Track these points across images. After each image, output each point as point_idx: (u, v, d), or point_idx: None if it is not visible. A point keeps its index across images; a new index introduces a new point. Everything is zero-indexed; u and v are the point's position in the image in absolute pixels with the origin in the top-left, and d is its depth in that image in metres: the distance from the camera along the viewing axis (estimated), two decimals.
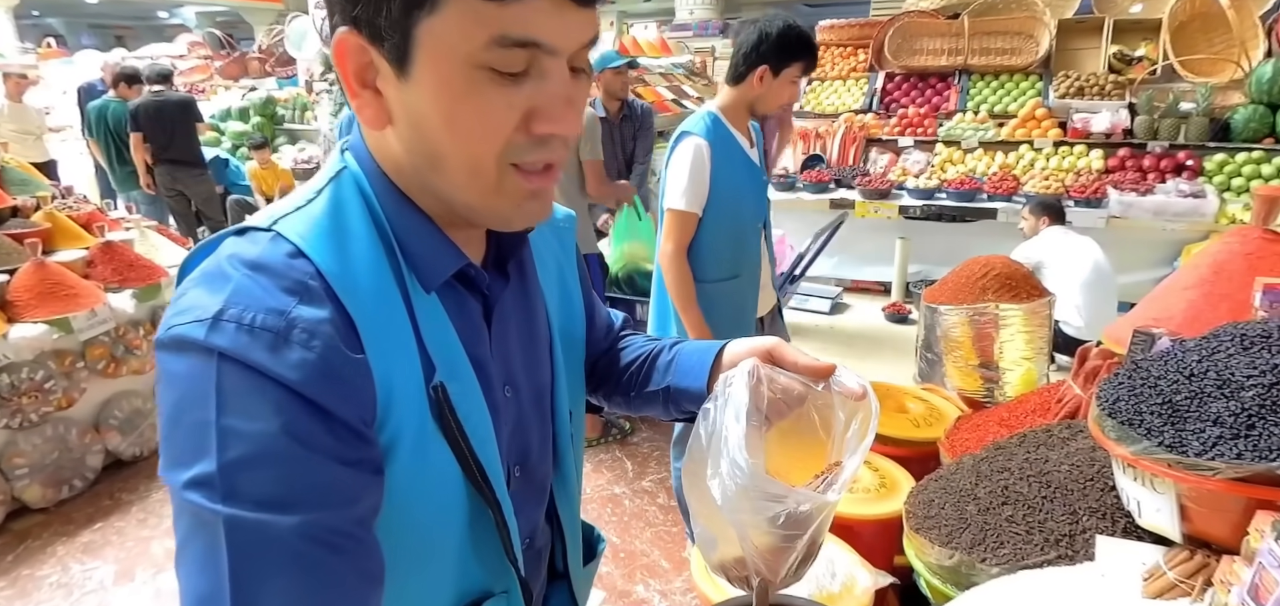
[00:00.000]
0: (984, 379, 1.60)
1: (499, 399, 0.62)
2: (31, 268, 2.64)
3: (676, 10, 16.59)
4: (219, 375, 0.45)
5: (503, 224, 0.57)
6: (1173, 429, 0.72)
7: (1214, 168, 4.11)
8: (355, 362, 0.49)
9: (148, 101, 4.94)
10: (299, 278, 0.49)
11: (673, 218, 1.83)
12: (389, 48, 0.49)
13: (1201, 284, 1.05)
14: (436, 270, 0.57)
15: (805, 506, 0.60)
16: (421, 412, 0.54)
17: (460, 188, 0.53)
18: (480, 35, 0.47)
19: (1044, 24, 4.79)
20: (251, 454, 0.44)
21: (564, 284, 0.76)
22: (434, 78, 0.49)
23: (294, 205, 0.55)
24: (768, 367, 0.66)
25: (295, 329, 0.47)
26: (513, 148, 0.51)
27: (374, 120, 0.53)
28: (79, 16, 19.20)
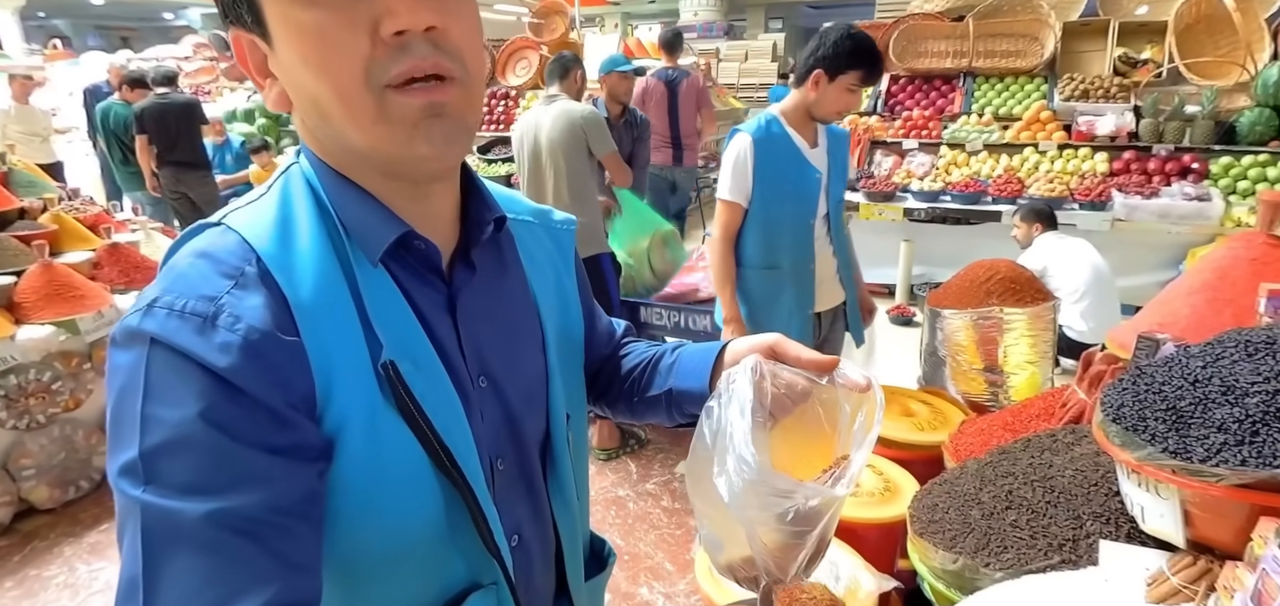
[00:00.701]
0: (988, 383, 1.60)
1: (470, 388, 0.62)
2: (39, 269, 2.66)
3: (681, 12, 16.62)
4: (149, 360, 0.47)
5: (410, 155, 0.54)
6: (1177, 435, 0.72)
7: (1220, 170, 4.10)
8: (286, 345, 0.50)
9: (152, 104, 4.97)
10: (237, 263, 0.52)
11: (720, 206, 2.05)
12: (253, 26, 0.52)
13: (1206, 289, 1.05)
14: (376, 239, 0.56)
15: (814, 501, 0.59)
16: (370, 393, 0.54)
17: (349, 128, 0.53)
18: None
19: (1049, 26, 4.79)
20: (170, 440, 0.46)
21: (561, 287, 0.75)
22: (284, 30, 0.51)
23: (247, 201, 0.58)
24: (770, 363, 0.66)
25: (223, 313, 0.49)
26: (376, 66, 0.50)
27: (277, 102, 0.55)
28: (85, 18, 19.30)
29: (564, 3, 6.93)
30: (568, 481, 0.73)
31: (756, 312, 2.14)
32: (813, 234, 2.03)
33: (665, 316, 3.04)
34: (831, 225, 2.08)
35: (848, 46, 1.82)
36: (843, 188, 2.13)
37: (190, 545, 0.45)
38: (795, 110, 1.97)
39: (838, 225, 2.10)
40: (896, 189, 4.58)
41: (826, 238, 2.08)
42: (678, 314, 3.01)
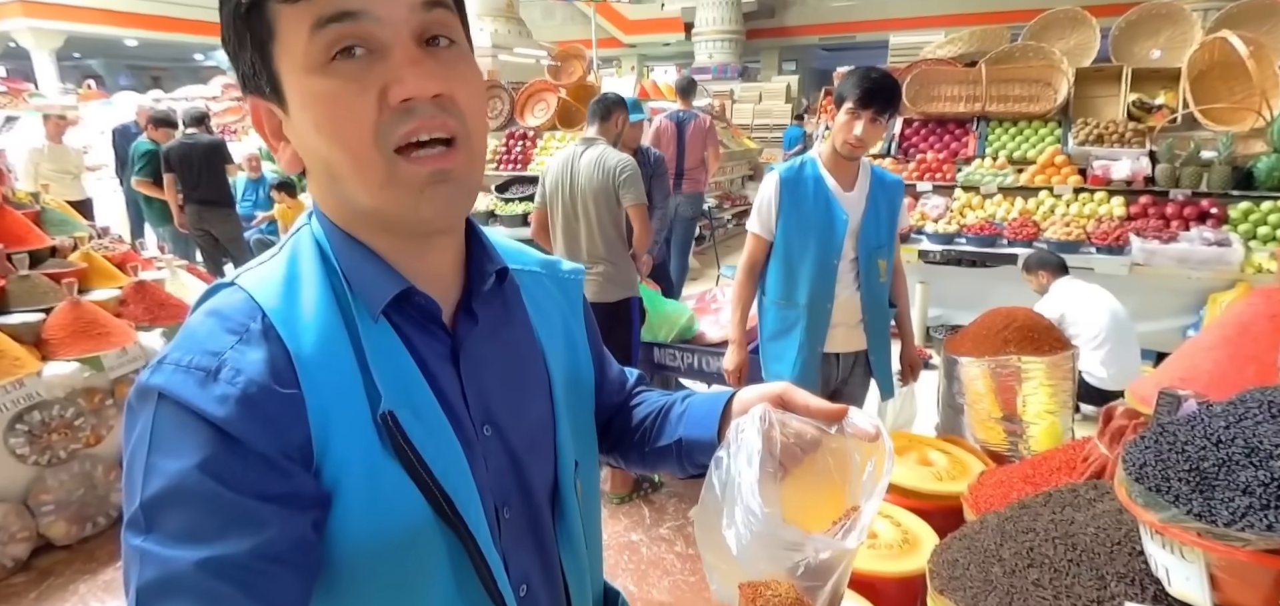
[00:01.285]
0: (1007, 432, 1.58)
1: (473, 435, 0.63)
2: (67, 306, 2.72)
3: (696, 54, 16.94)
4: (155, 414, 0.51)
5: (415, 218, 0.57)
6: (1201, 496, 0.71)
7: (1239, 215, 4.07)
8: (284, 397, 0.53)
9: (178, 144, 5.14)
10: (243, 320, 0.55)
11: (748, 237, 2.19)
12: (270, 92, 0.55)
13: (1227, 343, 1.04)
14: (378, 293, 0.59)
15: (825, 554, 0.58)
16: (370, 443, 0.55)
17: (359, 190, 0.56)
18: (303, 34, 0.52)
19: (1062, 72, 4.82)
20: (168, 490, 0.49)
21: (569, 335, 0.76)
22: (298, 97, 0.54)
23: (260, 261, 0.61)
24: (779, 412, 0.65)
25: (224, 367, 0.52)
26: (383, 129, 0.53)
27: (290, 163, 0.58)
28: (118, 58, 20.00)
29: (582, 46, 7.10)
30: (576, 529, 0.72)
31: (766, 344, 2.21)
32: (835, 274, 2.05)
33: (680, 358, 3.05)
34: (861, 270, 2.07)
35: (849, 79, 1.91)
36: (885, 236, 2.09)
37: (181, 592, 0.47)
38: (829, 151, 2.03)
39: (870, 272, 2.08)
40: (911, 231, 4.58)
41: (853, 281, 2.08)
42: (692, 355, 3.02)
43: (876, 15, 17.16)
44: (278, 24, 0.53)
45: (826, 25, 18.42)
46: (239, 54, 0.56)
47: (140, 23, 15.96)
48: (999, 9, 14.60)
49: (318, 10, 0.51)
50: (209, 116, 5.69)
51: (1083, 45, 5.08)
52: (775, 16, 18.85)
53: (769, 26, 18.84)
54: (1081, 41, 5.10)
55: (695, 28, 17.19)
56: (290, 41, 0.53)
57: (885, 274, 2.11)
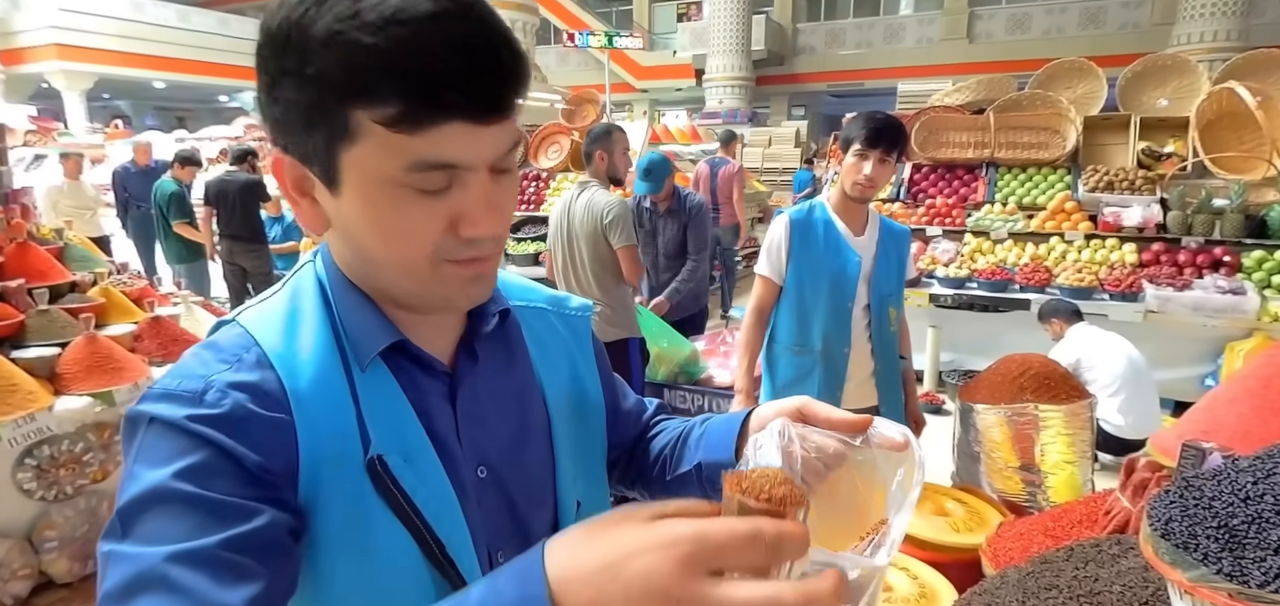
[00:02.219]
0: (1025, 481, 1.55)
1: (470, 478, 0.62)
2: (83, 341, 2.74)
3: (707, 99, 17.23)
4: (143, 436, 0.51)
5: (446, 307, 0.61)
6: (1231, 555, 0.69)
7: (1253, 264, 4.04)
8: (270, 420, 0.53)
9: (217, 180, 5.36)
10: (237, 351, 0.56)
11: (756, 280, 2.15)
12: (319, 170, 0.54)
13: (1251, 396, 1.03)
14: (367, 346, 0.59)
15: (854, 574, 0.53)
16: (360, 486, 0.55)
17: (397, 283, 0.58)
18: (397, 162, 0.50)
19: (1070, 120, 4.85)
20: (144, 495, 0.49)
21: (575, 372, 0.75)
22: (360, 196, 0.53)
23: (261, 299, 0.61)
24: (799, 426, 0.61)
25: (211, 389, 0.52)
26: (443, 248, 0.54)
27: (312, 224, 0.58)
28: (145, 99, 20.58)
29: (595, 91, 7.24)
30: None
31: (782, 392, 2.14)
32: (850, 320, 2.03)
33: (689, 400, 3.02)
34: (873, 319, 2.05)
35: (854, 122, 1.93)
36: (895, 284, 2.09)
37: (149, 586, 0.46)
38: (839, 195, 2.03)
39: (881, 322, 2.06)
40: (921, 275, 4.57)
41: (866, 330, 2.05)
42: (702, 398, 3.00)
43: (884, 64, 17.46)
44: (360, 134, 0.50)
45: (835, 73, 18.73)
46: (293, 128, 0.52)
47: (168, 66, 16.48)
48: (1004, 58, 14.83)
49: (419, 153, 0.50)
50: (255, 155, 5.82)
51: (1090, 94, 5.13)
52: (785, 64, 19.20)
53: (778, 73, 19.18)
54: (1088, 91, 5.15)
55: (706, 74, 17.52)
56: (371, 155, 0.50)
57: (895, 323, 2.09)
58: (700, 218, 3.47)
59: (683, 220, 3.48)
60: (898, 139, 1.87)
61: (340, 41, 0.47)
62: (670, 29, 20.08)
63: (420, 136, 0.49)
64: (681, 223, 3.48)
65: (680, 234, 3.50)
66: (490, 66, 0.50)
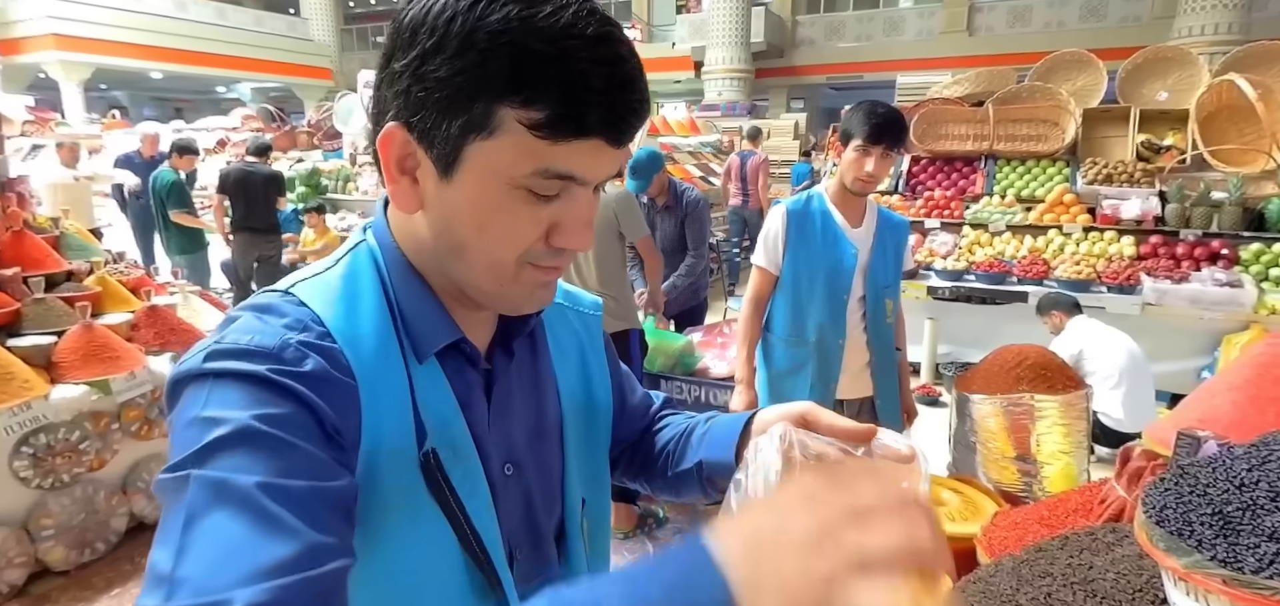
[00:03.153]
0: (1021, 472, 1.55)
1: (498, 475, 0.63)
2: (79, 330, 2.74)
3: (706, 92, 17.17)
4: (212, 386, 0.49)
5: (512, 308, 0.61)
6: (1226, 542, 0.69)
7: (1250, 257, 4.04)
8: (344, 384, 0.52)
9: (238, 170, 5.40)
10: (302, 319, 0.54)
11: (753, 271, 2.14)
12: (437, 155, 0.53)
13: (1247, 385, 1.02)
14: (429, 340, 0.59)
15: None
16: (412, 477, 0.55)
17: (477, 278, 0.57)
18: (527, 165, 0.51)
19: (1069, 113, 4.84)
20: (226, 435, 0.46)
21: (586, 369, 0.76)
22: (474, 188, 0.53)
23: (312, 273, 0.59)
24: (800, 432, 0.62)
25: (289, 348, 0.51)
26: (531, 252, 0.56)
27: (406, 204, 0.57)
28: (143, 90, 20.50)
29: None
30: (580, 570, 0.72)
31: (777, 382, 2.15)
32: (845, 311, 2.02)
33: (686, 391, 3.02)
34: (869, 311, 2.04)
35: (855, 115, 1.90)
36: (892, 276, 2.08)
37: (234, 505, 0.44)
38: (837, 187, 2.02)
39: (877, 313, 2.05)
40: (919, 267, 4.57)
41: (861, 321, 2.05)
42: (699, 388, 2.99)
43: (883, 57, 17.39)
44: (499, 130, 0.50)
45: (834, 65, 18.67)
46: (428, 107, 0.51)
47: (166, 56, 16.41)
48: (1003, 51, 14.78)
49: (551, 161, 0.51)
50: (271, 150, 5.91)
51: (1089, 86, 5.11)
52: (784, 57, 19.13)
53: (778, 66, 19.11)
54: (1088, 83, 5.13)
55: (705, 66, 17.45)
56: (502, 152, 0.51)
57: (891, 316, 2.08)
58: (698, 213, 3.44)
59: (680, 215, 3.44)
60: (900, 134, 1.86)
61: (511, 40, 0.49)
62: (669, 21, 20.00)
63: (558, 146, 0.51)
64: (679, 218, 3.44)
65: (678, 229, 3.46)
66: (633, 97, 0.53)
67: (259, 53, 18.28)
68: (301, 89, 19.71)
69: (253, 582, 0.40)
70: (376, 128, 0.55)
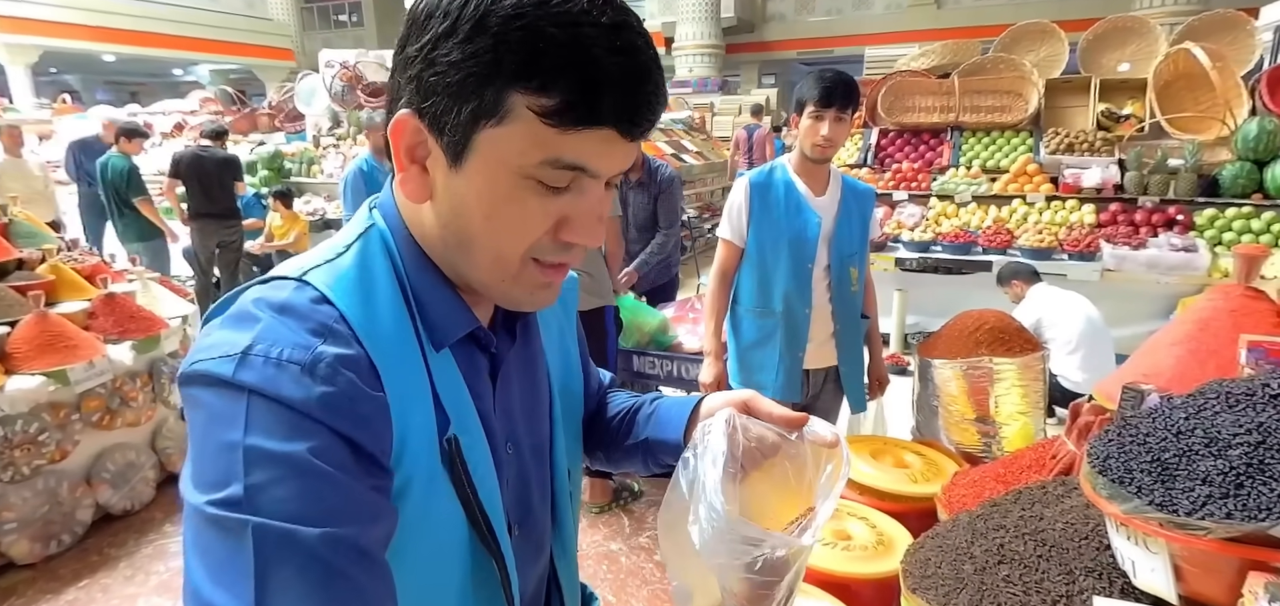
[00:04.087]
0: (981, 433, 1.59)
1: (502, 455, 0.64)
2: (33, 320, 2.66)
3: (676, 68, 17.07)
4: (249, 407, 0.47)
5: (512, 305, 0.61)
6: (1163, 487, 0.72)
7: (1205, 222, 4.17)
8: (376, 400, 0.52)
9: (191, 155, 5.22)
10: (324, 320, 0.52)
11: (719, 244, 2.15)
12: (447, 142, 0.52)
13: (1188, 340, 1.06)
14: (448, 330, 0.59)
15: (781, 551, 0.61)
16: (432, 461, 0.56)
17: (481, 270, 0.57)
18: (536, 153, 0.51)
19: (1032, 83, 4.92)
20: (278, 473, 0.46)
21: (564, 344, 0.79)
22: (483, 177, 0.53)
23: (323, 258, 0.58)
24: (743, 417, 0.68)
25: (321, 363, 0.49)
26: (538, 246, 0.56)
27: (416, 193, 0.56)
28: (95, 73, 19.71)
29: None
30: (571, 538, 0.76)
31: (746, 354, 2.16)
32: (810, 281, 2.03)
33: (659, 365, 3.04)
34: (834, 279, 2.05)
35: (805, 82, 1.91)
36: (858, 244, 2.08)
37: (305, 565, 0.44)
38: (798, 156, 2.02)
39: (842, 281, 2.05)
40: (887, 239, 4.63)
41: (826, 291, 2.06)
42: (671, 362, 3.01)
43: (852, 30, 17.44)
44: (510, 117, 0.50)
45: (804, 40, 18.66)
46: (439, 93, 0.51)
47: (118, 38, 15.74)
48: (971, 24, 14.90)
49: (561, 150, 0.51)
50: (227, 134, 5.71)
51: (1052, 57, 5.19)
52: (754, 31, 19.07)
53: (748, 41, 19.05)
54: (1051, 54, 5.21)
55: (676, 42, 17.32)
56: (512, 139, 0.51)
57: (856, 284, 2.10)
58: (670, 191, 3.43)
59: (654, 192, 3.42)
60: (851, 95, 1.86)
61: (525, 24, 0.48)
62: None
63: (569, 135, 0.50)
64: (652, 195, 3.42)
65: (651, 205, 3.45)
66: (648, 89, 0.52)
67: (216, 33, 17.65)
68: (262, 70, 19.12)
69: None
70: (389, 116, 0.55)
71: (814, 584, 1.15)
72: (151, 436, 3.07)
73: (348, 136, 7.21)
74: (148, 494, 3.00)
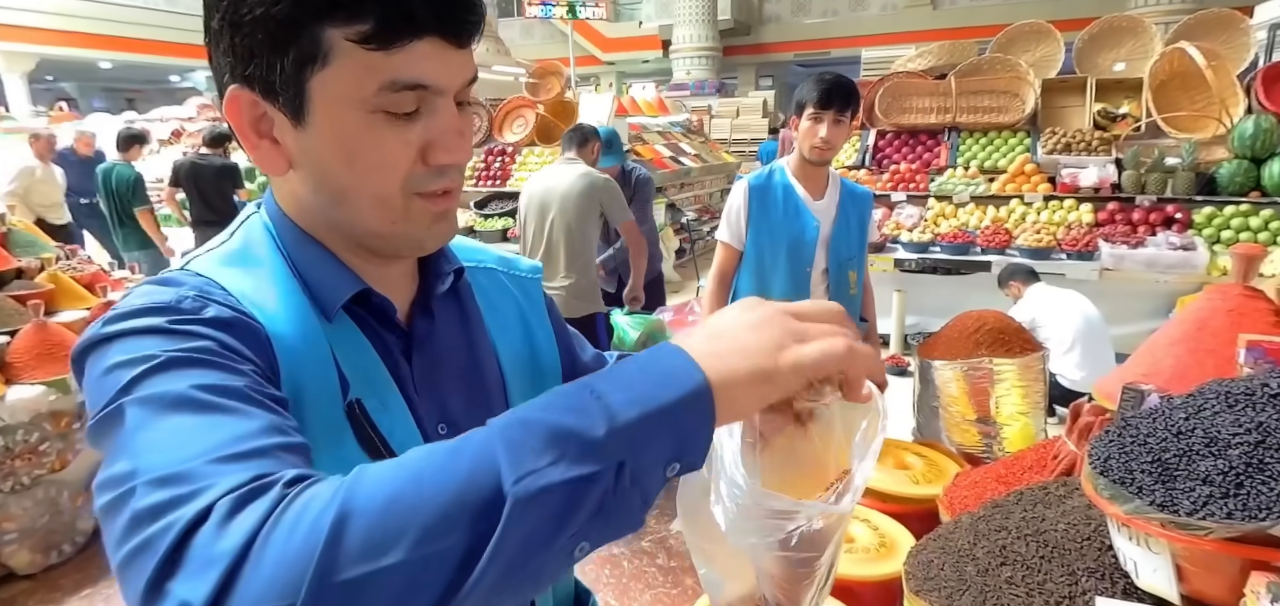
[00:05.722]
0: (981, 434, 1.60)
1: (432, 435, 0.63)
2: (32, 329, 2.65)
3: (674, 71, 17.08)
4: (118, 342, 0.47)
5: (415, 248, 0.61)
6: (1164, 487, 0.72)
7: (1203, 220, 4.18)
8: (252, 327, 0.52)
9: (190, 163, 5.23)
10: (200, 286, 0.53)
11: (717, 247, 2.15)
12: (284, 102, 0.52)
13: (1187, 339, 1.07)
14: (333, 295, 0.59)
15: (819, 522, 0.53)
16: (339, 428, 0.55)
17: (367, 218, 0.57)
18: (371, 83, 0.51)
19: (1029, 83, 4.93)
20: (149, 368, 0.44)
21: (528, 330, 0.77)
22: (331, 124, 0.52)
23: (206, 249, 0.59)
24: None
25: (186, 300, 0.50)
26: (413, 179, 0.55)
27: (273, 167, 0.56)
28: (92, 80, 19.69)
29: (560, 64, 7.13)
30: None
31: None
32: (809, 284, 2.04)
33: None
34: (831, 283, 2.06)
35: (804, 85, 1.92)
36: (856, 247, 2.09)
37: (179, 408, 0.42)
38: (797, 160, 2.03)
39: (841, 285, 2.06)
40: (886, 240, 4.64)
41: (825, 294, 2.07)
42: None
43: (849, 32, 17.46)
44: (332, 55, 0.50)
45: (802, 42, 18.69)
46: (257, 53, 0.51)
47: (114, 45, 15.73)
48: (967, 24, 14.93)
49: (393, 72, 0.51)
50: (229, 138, 5.64)
51: (1048, 57, 5.21)
52: (752, 34, 19.09)
53: (745, 44, 19.07)
54: (1047, 54, 5.23)
55: (673, 45, 17.34)
56: (343, 77, 0.51)
57: (855, 287, 2.10)
58: (644, 192, 3.67)
59: (629, 193, 3.57)
60: (850, 97, 1.87)
61: None
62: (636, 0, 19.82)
63: (394, 53, 0.50)
64: (629, 196, 3.56)
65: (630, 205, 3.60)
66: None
67: None
68: None
69: (220, 456, 0.39)
70: (221, 100, 0.54)
71: None
72: None
73: None
74: None
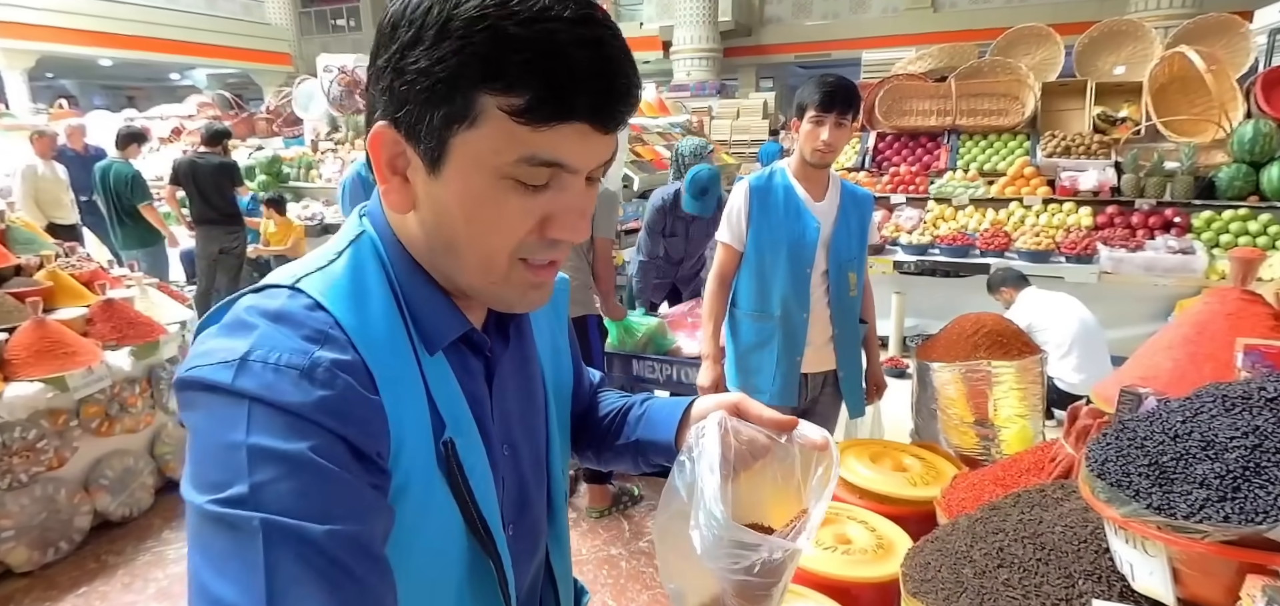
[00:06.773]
0: (979, 436, 1.60)
1: (498, 456, 0.65)
2: (31, 326, 2.65)
3: (675, 72, 17.09)
4: (250, 411, 0.48)
5: (504, 307, 0.62)
6: (1161, 490, 0.72)
7: (1202, 224, 4.18)
8: (372, 403, 0.52)
9: (188, 162, 5.20)
10: (319, 326, 0.53)
11: (718, 248, 2.14)
12: (424, 149, 0.53)
13: (1186, 343, 1.07)
14: (440, 334, 0.60)
15: (778, 554, 0.63)
16: (429, 464, 0.57)
17: (470, 273, 0.57)
18: (511, 152, 0.51)
19: (1028, 87, 4.93)
20: (281, 471, 0.46)
21: (556, 345, 0.79)
22: (462, 181, 0.53)
23: (315, 266, 0.58)
24: (734, 420, 0.70)
25: (319, 368, 0.50)
26: (524, 246, 0.56)
27: (399, 204, 0.56)
28: (92, 78, 19.68)
29: None
30: (565, 536, 0.77)
31: (744, 357, 2.16)
32: (809, 285, 2.03)
33: (658, 370, 3.04)
34: (831, 285, 2.05)
35: (806, 87, 1.91)
36: (856, 250, 2.08)
37: (313, 559, 0.45)
38: (797, 161, 2.02)
39: (840, 286, 2.06)
40: (886, 242, 4.64)
41: (825, 296, 2.06)
42: (671, 367, 3.02)
43: (850, 34, 17.49)
44: (481, 118, 0.50)
45: (802, 44, 18.70)
46: (412, 101, 0.51)
47: (115, 42, 15.73)
48: (967, 27, 14.95)
49: (536, 147, 0.51)
50: (229, 135, 5.65)
51: (1048, 61, 5.21)
52: (752, 35, 19.10)
53: (746, 45, 19.08)
54: (1047, 57, 5.23)
55: (673, 46, 17.35)
56: (486, 140, 0.51)
57: (855, 289, 2.10)
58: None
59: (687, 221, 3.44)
60: (852, 99, 1.86)
61: (487, 25, 0.48)
62: (637, 0, 19.81)
63: (542, 131, 0.51)
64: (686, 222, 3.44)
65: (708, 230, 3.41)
66: (619, 81, 0.52)
67: (214, 37, 17.63)
68: (260, 74, 19.11)
69: None
70: (368, 129, 0.55)
71: (814, 588, 1.15)
72: (150, 442, 3.07)
73: (346, 141, 7.20)
74: (146, 500, 2.99)
